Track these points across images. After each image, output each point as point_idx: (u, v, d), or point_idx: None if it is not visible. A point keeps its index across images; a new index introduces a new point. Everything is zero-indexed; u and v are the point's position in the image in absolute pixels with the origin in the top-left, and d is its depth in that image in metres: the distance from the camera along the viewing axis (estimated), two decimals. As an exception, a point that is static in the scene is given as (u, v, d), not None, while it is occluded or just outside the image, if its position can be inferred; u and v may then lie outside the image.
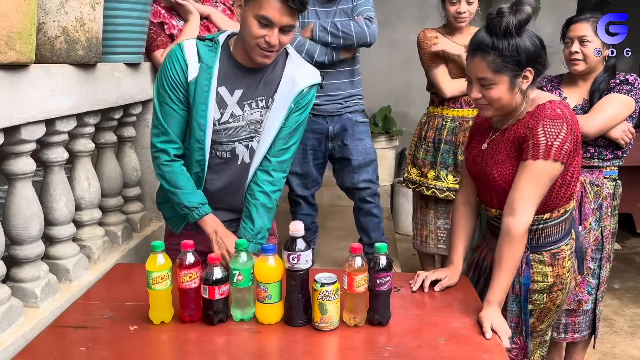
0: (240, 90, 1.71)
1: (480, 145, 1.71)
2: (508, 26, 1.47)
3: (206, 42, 1.69)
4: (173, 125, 1.70)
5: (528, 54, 1.50)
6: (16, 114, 1.41)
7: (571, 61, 2.19)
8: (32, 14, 1.40)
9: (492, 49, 1.50)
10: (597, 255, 2.26)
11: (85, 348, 1.36)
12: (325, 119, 2.70)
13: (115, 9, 1.93)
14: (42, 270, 1.61)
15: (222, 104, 1.70)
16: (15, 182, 1.53)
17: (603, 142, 2.18)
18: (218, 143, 1.73)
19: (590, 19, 2.17)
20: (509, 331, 1.48)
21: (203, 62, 1.67)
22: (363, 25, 2.58)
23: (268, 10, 1.55)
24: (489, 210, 1.72)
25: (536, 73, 1.54)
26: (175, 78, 1.67)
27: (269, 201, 1.78)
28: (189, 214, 1.72)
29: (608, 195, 2.23)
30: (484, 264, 1.79)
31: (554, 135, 1.51)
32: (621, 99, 2.13)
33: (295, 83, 1.73)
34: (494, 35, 1.50)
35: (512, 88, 1.54)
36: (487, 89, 1.55)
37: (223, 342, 1.41)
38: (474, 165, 1.72)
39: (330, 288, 1.39)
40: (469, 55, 1.57)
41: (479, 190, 1.76)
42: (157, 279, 1.43)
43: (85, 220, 1.91)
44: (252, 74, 1.71)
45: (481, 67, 1.52)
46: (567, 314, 2.27)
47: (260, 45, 1.60)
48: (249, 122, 1.74)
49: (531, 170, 1.53)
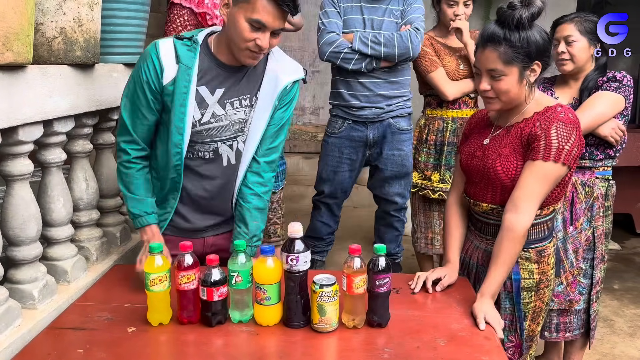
0: (222, 89, 1.68)
1: (480, 140, 1.72)
2: (521, 18, 1.52)
3: (184, 41, 1.65)
4: (140, 128, 1.68)
5: (538, 47, 1.55)
6: (14, 114, 1.40)
7: (559, 61, 2.21)
8: (29, 15, 1.40)
9: (504, 40, 1.54)
10: (589, 256, 2.26)
11: (83, 350, 1.35)
12: (366, 126, 2.62)
13: (113, 9, 1.93)
14: (40, 272, 1.60)
15: (203, 104, 1.67)
16: (12, 183, 1.53)
17: (593, 141, 2.17)
18: (200, 143, 1.70)
19: (574, 19, 2.18)
20: (502, 322, 1.52)
21: (182, 62, 1.62)
22: (407, 39, 2.47)
23: (262, 14, 1.52)
24: (478, 205, 1.72)
25: (543, 67, 1.59)
26: (149, 81, 1.62)
27: (261, 202, 1.78)
28: (133, 220, 1.73)
29: (600, 196, 2.23)
30: (470, 261, 1.80)
31: (566, 139, 1.55)
32: (609, 96, 2.13)
33: (278, 80, 1.70)
34: (506, 27, 1.54)
35: (521, 80, 1.58)
36: (496, 81, 1.57)
37: (221, 343, 1.41)
38: (472, 159, 1.72)
39: (329, 289, 1.39)
40: (480, 47, 1.59)
41: (470, 185, 1.76)
42: (155, 280, 1.42)
43: (84, 221, 1.90)
44: (234, 72, 1.68)
45: (492, 58, 1.56)
46: (559, 314, 2.27)
47: (251, 49, 1.57)
48: (233, 121, 1.71)
49: (540, 170, 1.56)
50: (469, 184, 1.77)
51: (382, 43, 2.45)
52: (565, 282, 2.23)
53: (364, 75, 2.55)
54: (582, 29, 2.15)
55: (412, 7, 2.55)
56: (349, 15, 2.55)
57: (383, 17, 2.53)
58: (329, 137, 2.75)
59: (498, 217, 1.67)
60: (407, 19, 2.54)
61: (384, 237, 2.81)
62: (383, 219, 2.81)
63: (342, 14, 2.56)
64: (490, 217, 1.70)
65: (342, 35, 2.53)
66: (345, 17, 2.54)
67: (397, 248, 2.83)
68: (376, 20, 2.53)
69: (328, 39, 2.50)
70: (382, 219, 2.82)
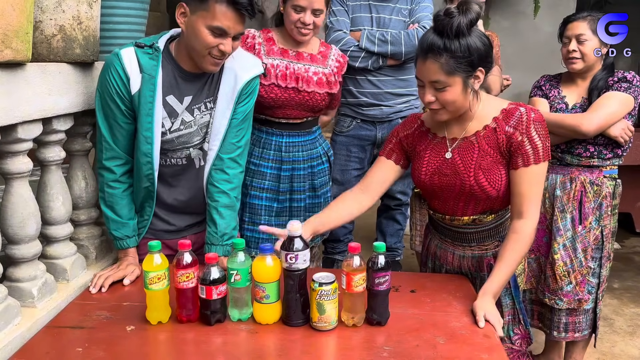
0: (190, 96, 1.68)
1: (437, 155, 1.66)
2: (460, 26, 1.46)
3: (145, 49, 1.63)
4: (120, 139, 1.68)
5: (479, 54, 1.50)
6: (13, 112, 1.40)
7: (569, 60, 2.20)
8: (28, 12, 1.39)
9: (445, 51, 1.48)
10: (597, 255, 2.26)
11: (82, 348, 1.35)
12: (374, 126, 2.61)
13: (112, 7, 1.92)
14: (39, 270, 1.60)
15: (173, 113, 1.67)
16: (12, 181, 1.52)
17: (603, 140, 2.17)
18: (172, 151, 1.70)
19: (587, 18, 2.17)
20: (502, 321, 1.51)
21: (145, 72, 1.61)
22: (414, 37, 2.46)
23: (222, 21, 1.52)
24: (458, 219, 1.69)
25: (486, 72, 1.55)
26: (118, 91, 1.62)
27: (229, 200, 1.77)
28: (114, 241, 1.76)
29: (608, 195, 2.23)
30: (462, 271, 1.79)
31: (545, 136, 1.57)
32: (620, 96, 2.13)
33: (237, 77, 1.70)
34: (445, 36, 1.48)
35: (465, 89, 1.53)
36: (441, 92, 1.53)
37: (220, 342, 1.41)
38: (439, 178, 1.65)
39: (328, 288, 1.39)
40: (420, 58, 1.54)
41: (438, 201, 1.71)
42: (154, 279, 1.42)
43: (83, 219, 1.90)
44: (198, 78, 1.69)
45: (434, 70, 1.50)
46: (568, 314, 2.27)
47: (213, 54, 1.57)
48: (200, 125, 1.72)
49: (535, 174, 1.57)
50: (436, 200, 1.72)
51: (389, 41, 2.46)
52: (574, 282, 2.23)
53: (372, 73, 2.54)
54: (595, 28, 2.14)
55: (420, 6, 2.55)
56: (357, 14, 2.55)
57: (391, 16, 2.54)
58: (337, 136, 2.75)
59: (481, 224, 1.67)
60: (415, 18, 2.55)
61: (386, 230, 2.82)
62: (385, 212, 2.82)
63: (350, 12, 2.56)
64: (472, 227, 1.70)
65: (349, 33, 2.53)
66: (354, 16, 2.55)
67: (398, 243, 2.83)
68: (384, 18, 2.54)
69: (335, 37, 2.50)
70: (384, 211, 2.83)
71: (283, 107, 2.21)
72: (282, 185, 2.28)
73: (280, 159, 2.27)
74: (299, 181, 2.30)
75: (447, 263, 1.81)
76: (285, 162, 2.27)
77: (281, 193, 2.29)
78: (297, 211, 2.33)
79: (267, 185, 2.27)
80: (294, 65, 2.19)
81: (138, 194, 1.77)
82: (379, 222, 2.87)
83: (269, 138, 2.27)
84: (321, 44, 2.34)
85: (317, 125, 2.39)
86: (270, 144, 2.27)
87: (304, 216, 2.35)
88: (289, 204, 2.31)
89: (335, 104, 2.49)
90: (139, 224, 1.80)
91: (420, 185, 1.73)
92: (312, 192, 2.34)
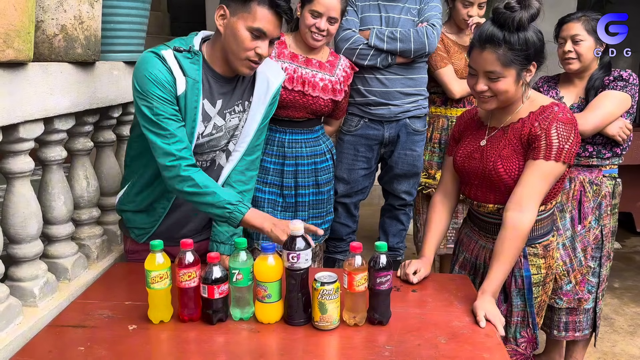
0: (221, 100, 1.68)
1: (476, 142, 1.72)
2: (521, 20, 1.52)
3: (184, 53, 1.58)
4: (180, 134, 1.58)
5: (536, 48, 1.56)
6: (14, 112, 1.40)
7: (565, 60, 2.20)
8: (30, 12, 1.39)
9: (504, 43, 1.53)
10: (597, 254, 2.26)
11: (84, 347, 1.35)
12: (382, 125, 2.61)
13: (114, 7, 1.92)
14: (41, 270, 1.60)
15: (207, 117, 1.66)
16: (13, 181, 1.53)
17: (601, 140, 2.17)
18: (199, 154, 1.70)
19: (582, 18, 2.18)
20: (503, 320, 1.52)
21: (189, 76, 1.57)
22: (423, 35, 2.47)
23: (263, 23, 1.54)
24: (483, 206, 1.72)
25: (538, 66, 1.60)
26: (170, 89, 1.55)
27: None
28: (233, 210, 1.57)
29: (607, 194, 2.23)
30: (477, 262, 1.80)
31: (566, 138, 1.57)
32: (616, 95, 2.13)
33: (269, 82, 1.73)
34: (506, 29, 1.53)
35: (518, 81, 1.58)
36: (494, 82, 1.58)
37: (222, 341, 1.41)
38: (469, 162, 1.72)
39: (330, 287, 1.39)
40: (477, 48, 1.58)
41: (469, 187, 1.76)
42: (156, 278, 1.42)
43: (84, 219, 1.90)
44: (229, 82, 1.69)
45: (490, 60, 1.55)
46: (568, 313, 2.27)
47: (251, 58, 1.58)
48: (229, 129, 1.72)
49: (542, 169, 1.57)
50: (468, 186, 1.76)
51: (398, 39, 2.47)
52: (574, 281, 2.23)
53: (380, 72, 2.55)
54: (590, 28, 2.15)
55: (429, 6, 2.56)
56: (367, 13, 2.56)
57: (400, 15, 2.55)
58: (344, 135, 2.75)
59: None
60: (424, 17, 2.56)
61: (389, 230, 2.82)
62: (389, 212, 2.82)
63: (360, 12, 2.57)
64: (496, 217, 1.70)
65: (358, 32, 2.54)
66: (363, 15, 2.55)
67: (400, 244, 2.83)
68: (393, 18, 2.55)
69: (344, 35, 2.51)
70: (388, 211, 2.83)
71: (287, 108, 2.25)
72: (285, 181, 2.33)
73: (283, 154, 2.32)
74: (304, 177, 2.35)
75: (468, 250, 1.84)
76: (288, 157, 2.32)
77: (285, 188, 2.34)
78: (302, 206, 2.38)
79: (270, 180, 2.33)
80: (301, 70, 2.25)
81: (152, 195, 1.73)
82: (382, 222, 2.87)
83: (272, 135, 2.32)
84: (331, 54, 2.39)
85: (320, 125, 2.44)
86: (274, 140, 2.32)
87: (309, 212, 2.40)
88: (294, 200, 2.36)
89: (339, 115, 2.54)
90: (146, 225, 1.77)
91: (456, 168, 1.79)
92: (315, 188, 2.38)
